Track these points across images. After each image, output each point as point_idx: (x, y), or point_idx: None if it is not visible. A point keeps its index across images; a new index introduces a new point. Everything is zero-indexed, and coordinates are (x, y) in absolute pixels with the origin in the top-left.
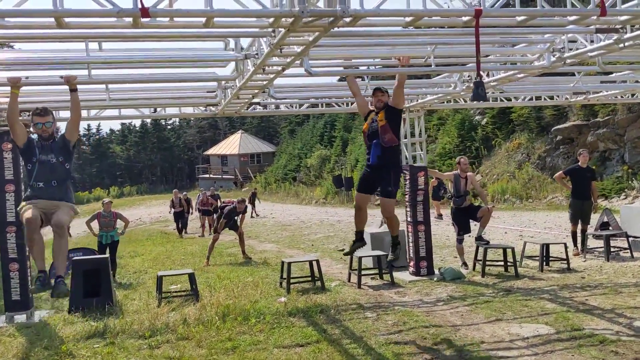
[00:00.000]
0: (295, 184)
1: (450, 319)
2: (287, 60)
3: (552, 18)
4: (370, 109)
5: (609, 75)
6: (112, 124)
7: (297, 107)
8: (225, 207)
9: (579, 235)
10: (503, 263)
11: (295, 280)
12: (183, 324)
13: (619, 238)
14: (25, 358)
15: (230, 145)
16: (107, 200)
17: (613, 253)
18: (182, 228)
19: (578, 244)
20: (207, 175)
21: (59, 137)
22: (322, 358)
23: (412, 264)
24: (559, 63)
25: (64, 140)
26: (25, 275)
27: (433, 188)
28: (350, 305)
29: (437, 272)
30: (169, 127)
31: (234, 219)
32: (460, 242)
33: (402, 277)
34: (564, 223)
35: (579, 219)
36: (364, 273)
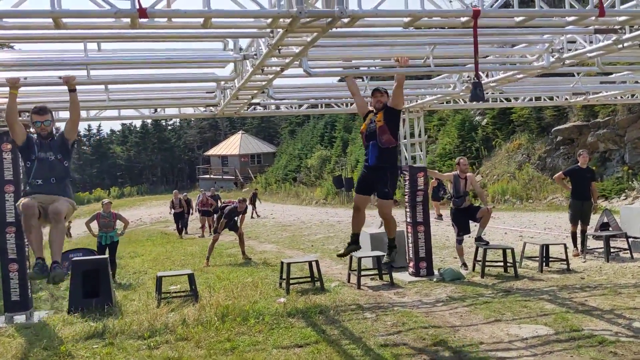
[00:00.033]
0: (296, 185)
1: (450, 320)
2: (285, 61)
3: (550, 19)
4: (369, 109)
5: (609, 76)
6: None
7: (296, 107)
8: (226, 207)
9: (579, 236)
10: (503, 264)
11: (295, 281)
12: (182, 325)
13: (619, 239)
14: (25, 358)
15: (231, 146)
16: (106, 201)
17: (613, 254)
18: (182, 229)
19: (578, 245)
20: (207, 176)
21: (58, 135)
22: (320, 359)
23: (411, 265)
24: (558, 64)
25: (63, 139)
26: (25, 276)
27: (433, 189)
28: (350, 306)
29: (436, 272)
30: (170, 127)
31: (235, 219)
32: (460, 242)
33: (401, 277)
34: (564, 224)
35: (579, 220)
36: (364, 274)
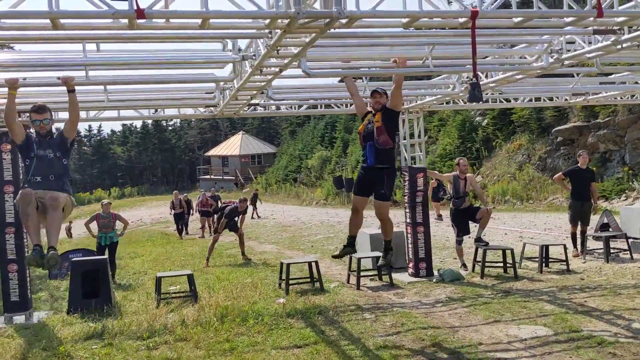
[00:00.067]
0: (296, 185)
1: (449, 321)
2: (284, 62)
3: (549, 19)
4: (368, 110)
5: (609, 77)
6: (113, 125)
7: (296, 108)
8: (226, 207)
9: (579, 237)
10: (502, 264)
11: (294, 282)
12: (181, 325)
13: (619, 239)
14: (24, 359)
15: (231, 146)
16: (105, 202)
17: (613, 254)
18: (182, 229)
19: (578, 245)
20: (208, 176)
21: (57, 133)
22: (319, 359)
23: (411, 265)
24: (557, 64)
25: (62, 137)
26: (24, 276)
27: (432, 189)
28: (349, 307)
29: (436, 273)
30: (170, 128)
31: (235, 220)
32: (460, 243)
33: (401, 278)
34: (564, 224)
35: (579, 220)
36: (363, 274)
